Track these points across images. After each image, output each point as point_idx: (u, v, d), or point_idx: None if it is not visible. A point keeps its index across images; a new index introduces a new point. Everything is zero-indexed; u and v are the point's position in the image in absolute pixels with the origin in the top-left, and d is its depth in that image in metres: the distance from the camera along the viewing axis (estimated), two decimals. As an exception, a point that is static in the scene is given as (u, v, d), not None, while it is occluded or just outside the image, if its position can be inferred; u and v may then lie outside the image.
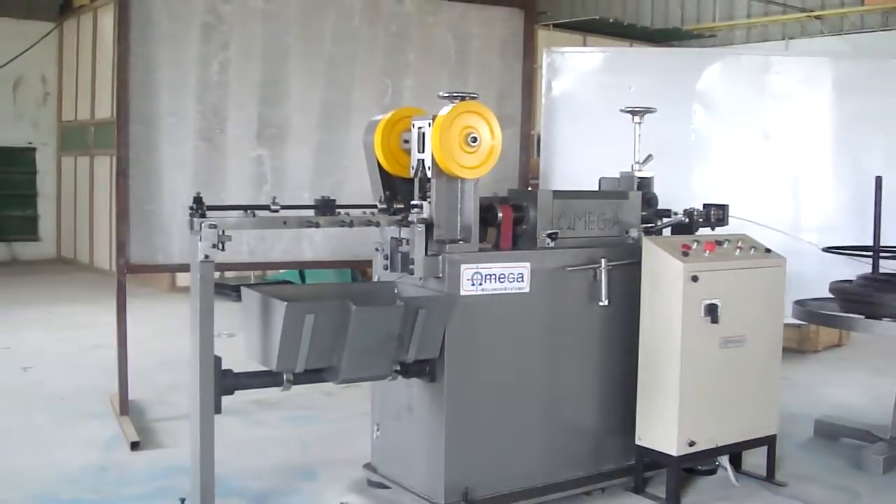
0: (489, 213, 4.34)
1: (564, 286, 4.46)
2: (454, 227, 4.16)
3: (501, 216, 4.37)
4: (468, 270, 4.14)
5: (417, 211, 4.13)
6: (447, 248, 4.10)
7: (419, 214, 4.11)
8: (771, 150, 7.22)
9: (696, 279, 4.39)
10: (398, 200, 4.31)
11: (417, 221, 4.10)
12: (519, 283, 4.30)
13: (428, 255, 4.09)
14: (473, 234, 4.17)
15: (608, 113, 5.69)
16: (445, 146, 4.00)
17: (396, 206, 4.28)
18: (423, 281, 4.15)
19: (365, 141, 4.46)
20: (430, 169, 4.09)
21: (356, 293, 4.13)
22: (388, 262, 4.31)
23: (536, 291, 4.35)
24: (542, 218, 4.44)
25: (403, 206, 4.25)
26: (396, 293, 4.27)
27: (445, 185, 4.12)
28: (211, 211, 3.90)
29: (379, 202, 4.35)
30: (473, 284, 4.16)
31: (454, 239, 4.14)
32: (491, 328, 4.25)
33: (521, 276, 4.30)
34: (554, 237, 4.42)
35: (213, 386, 3.83)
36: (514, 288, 4.28)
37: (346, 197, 5.48)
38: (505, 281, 4.26)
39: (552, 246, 4.43)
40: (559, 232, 4.46)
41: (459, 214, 4.17)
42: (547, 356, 4.46)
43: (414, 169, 4.19)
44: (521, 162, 6.90)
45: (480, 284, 4.18)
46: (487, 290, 4.20)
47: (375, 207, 4.34)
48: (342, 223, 4.14)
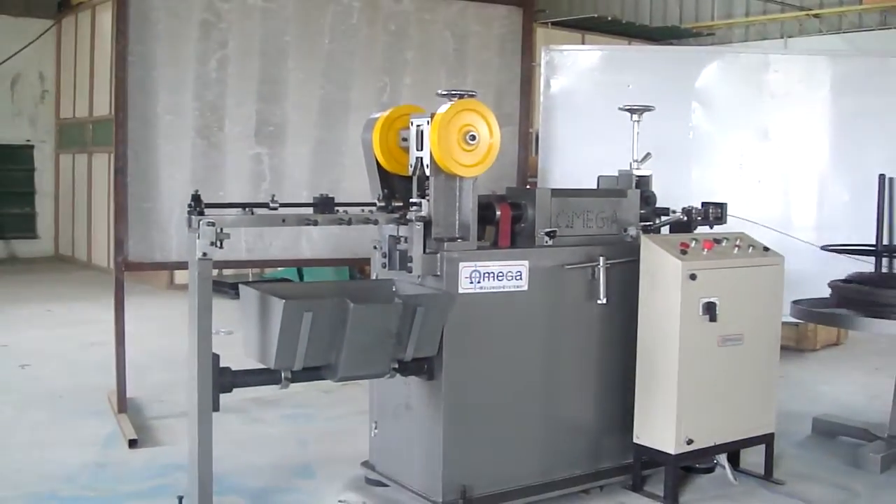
0: (487, 211, 4.34)
1: (563, 284, 4.46)
2: (452, 225, 4.16)
3: (500, 214, 4.37)
4: (466, 268, 4.14)
5: (416, 209, 4.13)
6: (445, 246, 4.10)
7: (417, 212, 4.12)
8: (769, 148, 7.22)
9: (694, 277, 4.39)
10: (396, 198, 4.31)
11: (416, 219, 4.10)
12: (517, 281, 4.30)
13: (426, 253, 4.09)
14: (472, 232, 4.17)
15: (607, 111, 5.70)
16: (444, 144, 4.00)
17: (395, 204, 4.28)
18: (421, 279, 4.15)
19: (363, 139, 4.46)
20: (428, 167, 4.09)
21: (354, 291, 4.12)
22: (386, 259, 4.31)
23: (535, 289, 4.35)
24: (540, 216, 4.44)
25: (402, 204, 4.25)
26: (395, 291, 4.26)
27: (444, 183, 4.12)
28: (209, 208, 3.90)
29: (377, 200, 4.35)
30: (472, 282, 4.16)
31: (452, 237, 4.14)
32: (489, 326, 4.25)
33: (519, 274, 4.30)
34: (552, 235, 4.43)
35: (211, 383, 3.83)
36: (512, 286, 4.28)
37: (344, 195, 5.47)
38: (503, 279, 4.26)
39: (550, 244, 4.43)
40: (557, 230, 4.46)
41: (458, 212, 4.17)
42: (545, 354, 4.46)
43: (412, 167, 4.19)
44: (519, 160, 6.89)
45: (479, 282, 4.18)
46: (486, 288, 4.20)
47: (374, 205, 4.34)
48: (340, 221, 4.14)
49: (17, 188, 14.98)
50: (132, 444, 5.27)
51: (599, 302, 4.49)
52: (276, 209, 4.08)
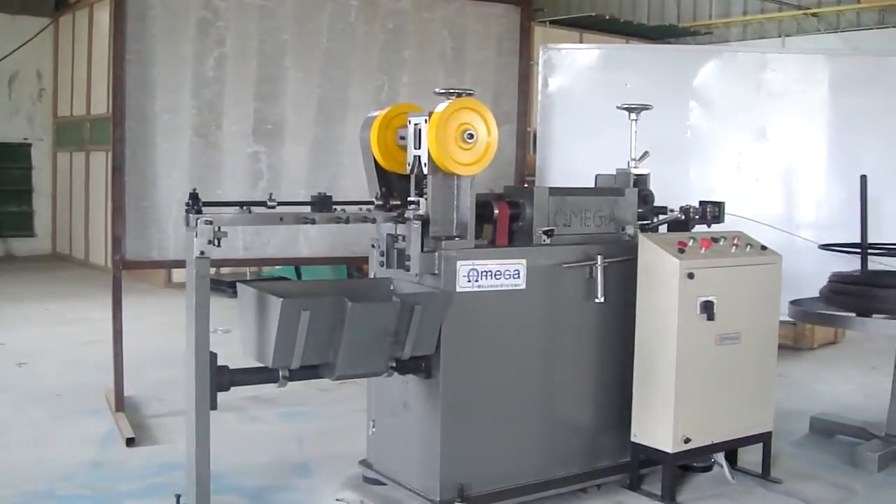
0: (485, 209, 4.34)
1: (560, 283, 4.46)
2: (450, 223, 4.16)
3: (497, 213, 4.37)
4: (464, 267, 4.14)
5: (414, 207, 4.13)
6: (443, 244, 4.10)
7: (415, 211, 4.12)
8: (767, 147, 7.23)
9: (691, 276, 4.39)
10: (394, 197, 4.30)
11: (413, 218, 4.10)
12: (515, 279, 4.30)
13: (424, 251, 4.09)
14: (469, 230, 4.16)
15: (604, 110, 5.70)
16: (442, 143, 4.00)
17: (392, 202, 4.28)
18: (419, 277, 4.15)
19: (361, 137, 4.46)
20: (426, 165, 4.08)
21: (352, 289, 4.12)
22: (384, 258, 4.31)
23: (532, 288, 4.35)
24: (538, 215, 4.44)
25: (399, 202, 4.25)
26: (392, 290, 4.26)
27: (441, 181, 4.12)
28: (207, 207, 3.89)
29: (375, 199, 4.34)
30: (469, 281, 4.16)
31: (450, 235, 4.14)
32: (487, 325, 4.25)
33: (517, 272, 4.30)
34: (550, 234, 4.43)
35: (208, 382, 3.83)
36: (510, 284, 4.28)
37: (342, 193, 5.48)
38: (501, 277, 4.26)
39: (548, 243, 4.43)
40: (555, 229, 4.46)
41: (455, 211, 4.16)
42: (543, 353, 4.46)
43: (410, 165, 4.18)
44: (517, 159, 6.89)
45: (476, 281, 4.18)
46: (483, 286, 4.20)
47: (371, 204, 4.33)
48: (338, 220, 4.14)
49: (14, 186, 14.97)
50: (130, 442, 5.26)
51: (597, 301, 4.49)
52: (273, 208, 4.08)
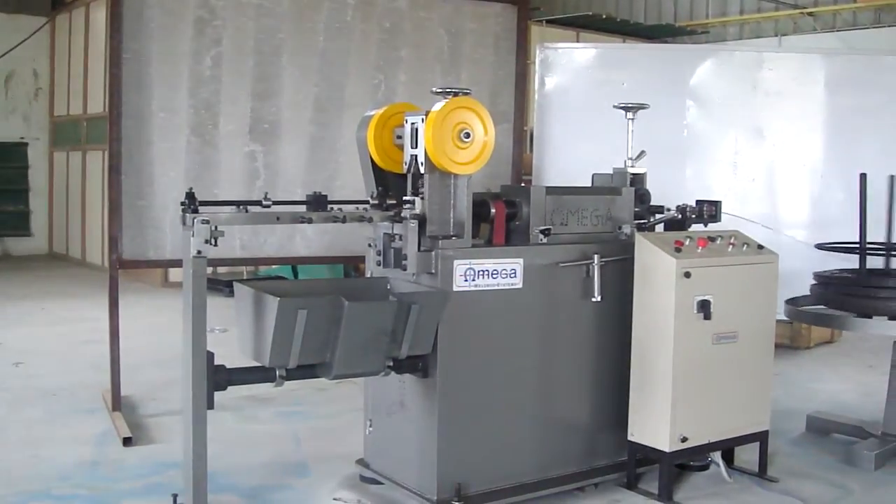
0: (482, 208, 4.34)
1: (557, 282, 4.46)
2: (447, 222, 4.15)
3: (494, 212, 4.36)
4: (461, 266, 4.14)
5: (410, 207, 4.13)
6: (440, 243, 4.10)
7: (412, 210, 4.11)
8: (764, 146, 7.23)
9: (688, 275, 4.39)
10: (391, 196, 4.30)
11: (410, 217, 4.10)
12: (512, 278, 4.30)
13: (421, 250, 4.09)
14: (466, 229, 4.16)
15: (601, 109, 5.70)
16: (438, 142, 3.99)
17: (389, 201, 4.28)
18: (415, 277, 4.15)
19: (358, 136, 4.46)
20: (422, 165, 4.08)
21: (349, 289, 4.12)
22: (380, 257, 4.31)
23: (529, 287, 4.35)
24: (534, 214, 4.43)
25: (396, 201, 4.25)
26: (389, 289, 4.26)
27: (438, 180, 4.12)
28: (203, 206, 3.89)
29: (371, 198, 4.34)
30: (466, 280, 4.16)
31: (447, 235, 4.14)
32: (484, 324, 4.25)
33: (513, 271, 4.30)
34: (547, 233, 4.42)
35: (205, 381, 3.83)
36: (506, 284, 4.28)
37: (338, 192, 5.49)
38: (498, 277, 4.26)
39: (545, 242, 4.42)
40: (552, 228, 4.46)
41: (452, 210, 4.16)
42: (540, 352, 4.46)
43: (407, 164, 4.18)
44: (513, 158, 6.90)
45: (473, 280, 4.18)
46: (480, 285, 4.20)
47: (368, 203, 4.33)
48: (335, 219, 4.14)
49: (10, 186, 14.96)
50: (126, 442, 5.26)
51: (594, 300, 4.49)
52: (270, 207, 4.08)
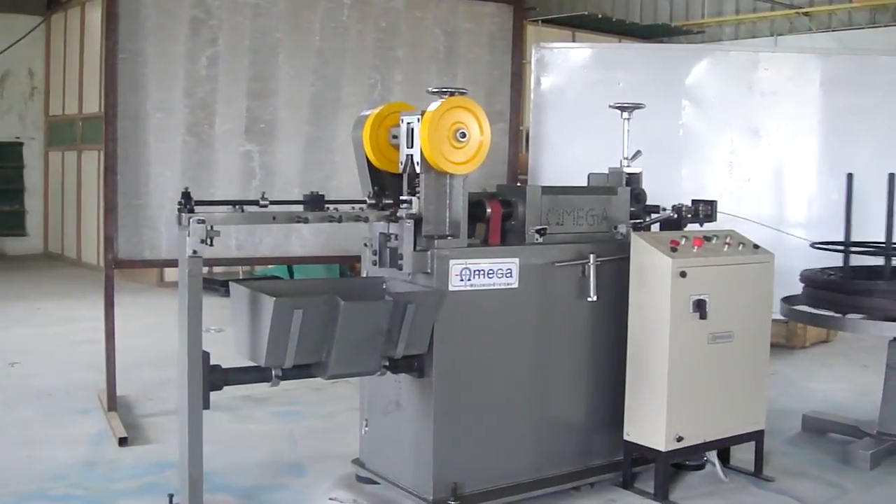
0: (478, 208, 4.34)
1: (553, 282, 4.46)
2: (443, 222, 4.16)
3: (490, 212, 4.37)
4: (457, 266, 4.14)
5: (406, 206, 4.13)
6: (436, 243, 4.10)
7: (408, 210, 4.11)
8: (759, 146, 7.24)
9: (684, 275, 4.40)
10: (387, 196, 4.30)
11: (406, 217, 4.10)
12: (507, 278, 4.30)
13: (416, 250, 4.09)
14: (462, 229, 4.16)
15: (597, 108, 5.70)
16: (434, 141, 3.99)
17: (385, 201, 4.28)
18: (411, 276, 4.15)
19: (354, 136, 4.45)
20: (418, 164, 4.08)
21: (345, 288, 4.12)
22: (376, 257, 4.31)
23: (525, 287, 4.35)
24: (530, 213, 4.44)
25: (392, 201, 4.25)
26: (385, 288, 4.26)
27: (434, 180, 4.12)
28: (199, 206, 3.89)
29: (367, 197, 4.34)
30: (462, 280, 4.16)
31: (443, 234, 4.14)
32: (479, 324, 4.25)
33: (509, 271, 4.30)
34: (542, 233, 4.42)
35: (201, 381, 3.82)
36: (502, 283, 4.28)
37: (334, 192, 5.48)
38: (493, 276, 4.26)
39: (541, 241, 4.42)
40: (548, 227, 4.46)
41: (448, 210, 4.16)
42: (535, 352, 4.46)
43: (403, 164, 4.18)
44: (509, 157, 6.90)
45: (469, 280, 4.18)
46: (476, 285, 4.20)
47: (364, 203, 4.33)
48: (331, 219, 4.13)
49: (6, 185, 14.93)
50: (122, 442, 5.25)
51: (590, 299, 4.50)
52: (266, 207, 4.07)
